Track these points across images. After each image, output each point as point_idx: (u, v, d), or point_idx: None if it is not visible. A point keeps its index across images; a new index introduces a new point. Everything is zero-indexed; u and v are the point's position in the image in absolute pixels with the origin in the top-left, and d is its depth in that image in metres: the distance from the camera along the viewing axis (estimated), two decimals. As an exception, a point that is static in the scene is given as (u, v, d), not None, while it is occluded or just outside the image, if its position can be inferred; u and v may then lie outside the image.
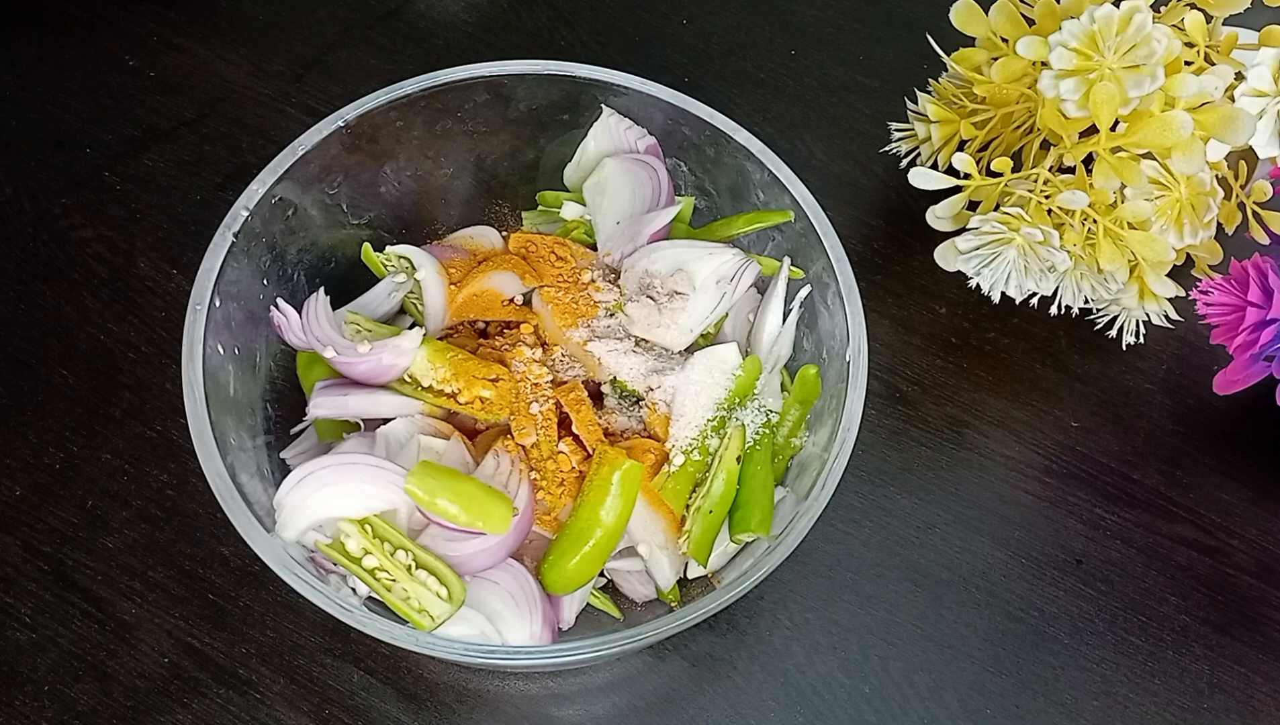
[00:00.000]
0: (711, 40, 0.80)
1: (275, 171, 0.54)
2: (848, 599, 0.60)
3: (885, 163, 0.74)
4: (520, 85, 0.59)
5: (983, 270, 0.62)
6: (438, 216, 0.64)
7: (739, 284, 0.56)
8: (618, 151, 0.61)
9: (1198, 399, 0.68)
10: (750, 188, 0.59)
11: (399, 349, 0.52)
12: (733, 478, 0.53)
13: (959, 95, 0.67)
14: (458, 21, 0.79)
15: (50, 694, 0.55)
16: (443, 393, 0.53)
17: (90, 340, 0.64)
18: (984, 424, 0.66)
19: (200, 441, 0.48)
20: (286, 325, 0.53)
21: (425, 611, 0.48)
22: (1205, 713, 0.59)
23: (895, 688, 0.58)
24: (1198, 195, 0.60)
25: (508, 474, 0.52)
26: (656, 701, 0.57)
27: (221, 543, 0.59)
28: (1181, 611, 0.61)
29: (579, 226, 0.61)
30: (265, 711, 0.55)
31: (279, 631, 0.57)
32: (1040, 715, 0.58)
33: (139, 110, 0.73)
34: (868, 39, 0.81)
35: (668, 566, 0.54)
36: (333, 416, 0.54)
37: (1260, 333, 0.59)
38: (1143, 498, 0.64)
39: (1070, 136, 0.59)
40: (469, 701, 0.56)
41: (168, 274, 0.67)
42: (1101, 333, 0.67)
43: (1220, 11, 0.61)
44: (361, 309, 0.58)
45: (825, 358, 0.56)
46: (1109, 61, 0.55)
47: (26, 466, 0.60)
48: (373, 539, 0.49)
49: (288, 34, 0.78)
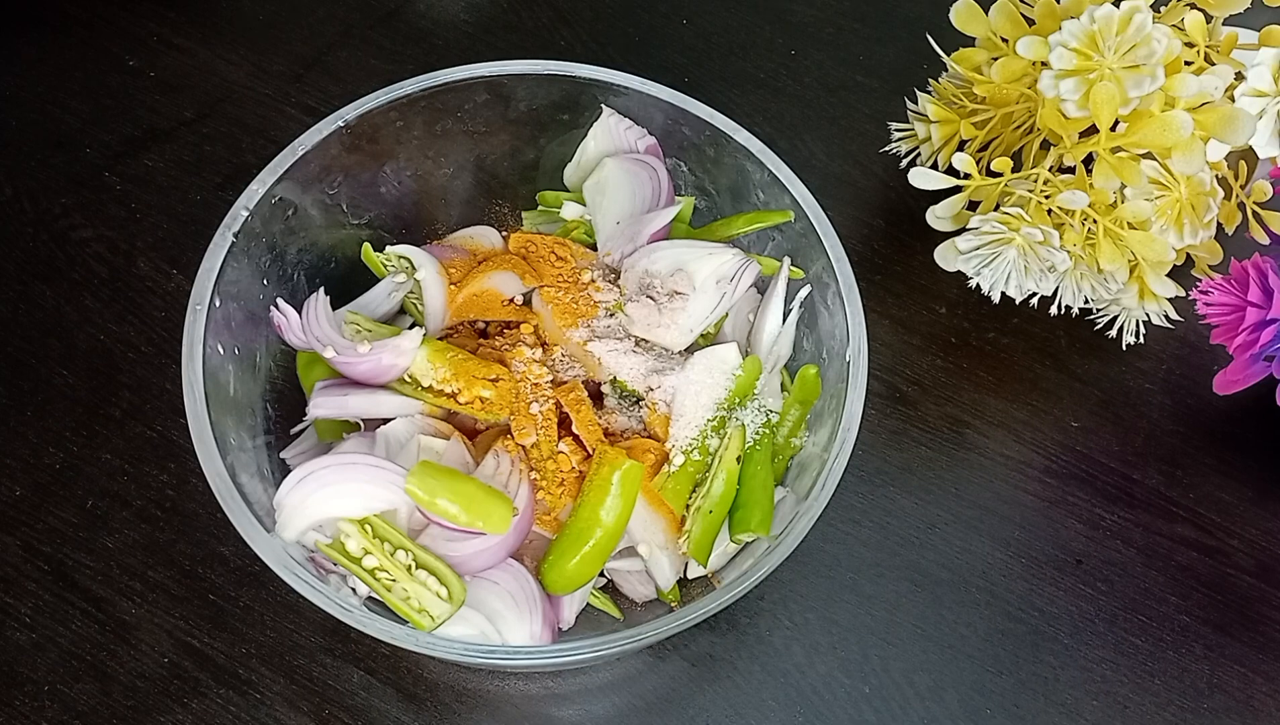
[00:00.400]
0: (711, 40, 0.80)
1: (275, 171, 0.54)
2: (848, 599, 0.60)
3: (885, 163, 0.74)
4: (520, 85, 0.59)
5: (983, 270, 0.62)
6: (438, 216, 0.64)
7: (739, 284, 0.56)
8: (618, 151, 0.61)
9: (1198, 399, 0.68)
10: (750, 188, 0.59)
11: (399, 349, 0.52)
12: (733, 478, 0.53)
13: (959, 95, 0.67)
14: (458, 21, 0.79)
15: (50, 694, 0.55)
16: (443, 393, 0.53)
17: (90, 340, 0.64)
18: (984, 424, 0.66)
19: (200, 441, 0.48)
20: (286, 325, 0.53)
21: (425, 611, 0.48)
22: (1205, 713, 0.59)
23: (895, 688, 0.58)
24: (1198, 195, 0.60)
25: (508, 474, 0.52)
26: (656, 701, 0.57)
27: (221, 543, 0.59)
28: (1181, 611, 0.61)
29: (579, 226, 0.61)
30: (265, 711, 0.55)
31: (279, 631, 0.57)
32: (1040, 715, 0.58)
33: (139, 110, 0.73)
34: (868, 39, 0.81)
35: (668, 566, 0.54)
36: (333, 416, 0.54)
37: (1260, 333, 0.59)
38: (1143, 498, 0.64)
39: (1070, 136, 0.59)
40: (469, 701, 0.56)
41: (168, 274, 0.67)
42: (1101, 333, 0.67)
43: (1220, 11, 0.61)
44: (361, 309, 0.58)
45: (825, 358, 0.56)
46: (1109, 61, 0.55)
47: (26, 466, 0.60)
48: (373, 539, 0.49)
49: (288, 34, 0.78)
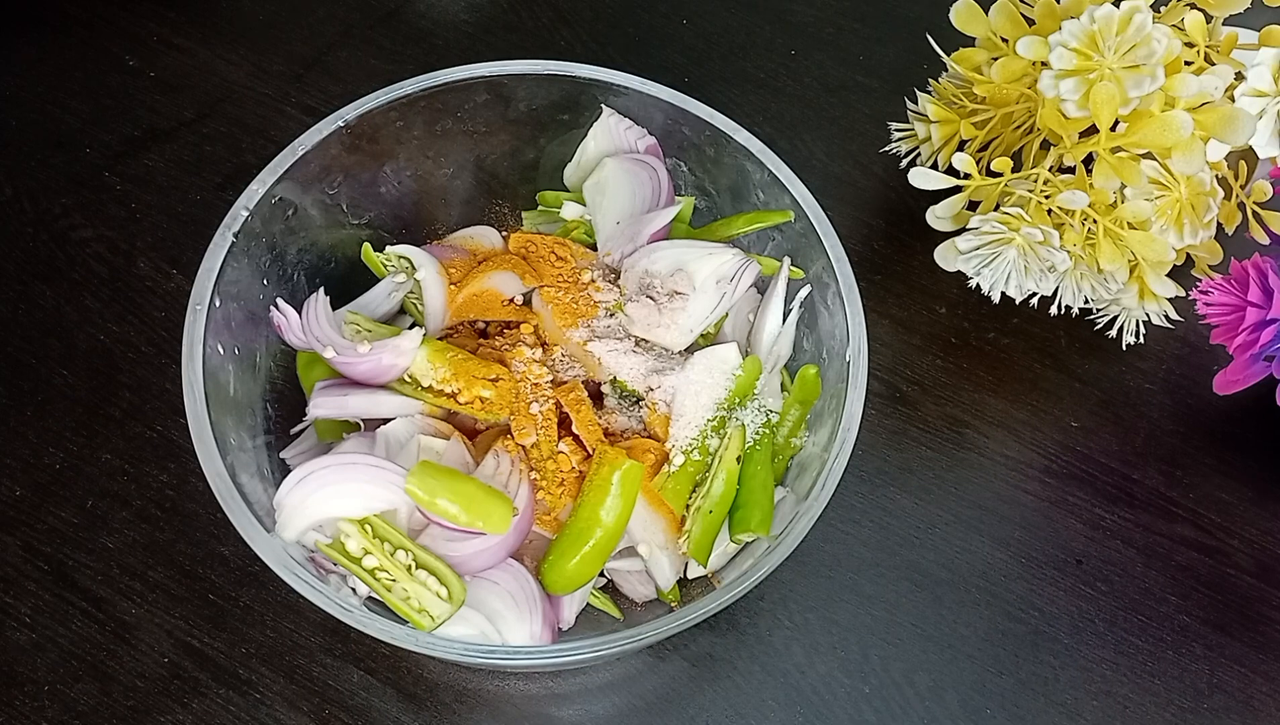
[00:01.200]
0: (711, 40, 0.80)
1: (275, 171, 0.54)
2: (848, 599, 0.60)
3: (885, 163, 0.74)
4: (520, 85, 0.59)
5: (983, 270, 0.62)
6: (438, 216, 0.64)
7: (739, 284, 0.56)
8: (618, 151, 0.61)
9: (1198, 399, 0.68)
10: (750, 188, 0.59)
11: (399, 349, 0.52)
12: (733, 478, 0.53)
13: (959, 95, 0.67)
14: (458, 21, 0.79)
15: (50, 694, 0.55)
16: (443, 393, 0.53)
17: (90, 340, 0.64)
18: (984, 424, 0.66)
19: (200, 441, 0.48)
20: (286, 325, 0.53)
21: (425, 611, 0.48)
22: (1205, 713, 0.59)
23: (895, 688, 0.58)
24: (1198, 195, 0.60)
25: (508, 474, 0.52)
26: (656, 701, 0.57)
27: (221, 543, 0.59)
28: (1181, 611, 0.61)
29: (579, 226, 0.61)
30: (265, 711, 0.55)
31: (279, 631, 0.57)
32: (1040, 715, 0.58)
33: (139, 110, 0.73)
34: (868, 39, 0.81)
35: (668, 566, 0.54)
36: (333, 416, 0.54)
37: (1260, 333, 0.59)
38: (1143, 498, 0.64)
39: (1070, 136, 0.59)
40: (469, 701, 0.56)
41: (168, 274, 0.67)
42: (1101, 333, 0.67)
43: (1220, 11, 0.61)
44: (361, 309, 0.58)
45: (825, 358, 0.56)
46: (1109, 61, 0.55)
47: (26, 466, 0.60)
48: (373, 539, 0.49)
49: (288, 34, 0.78)
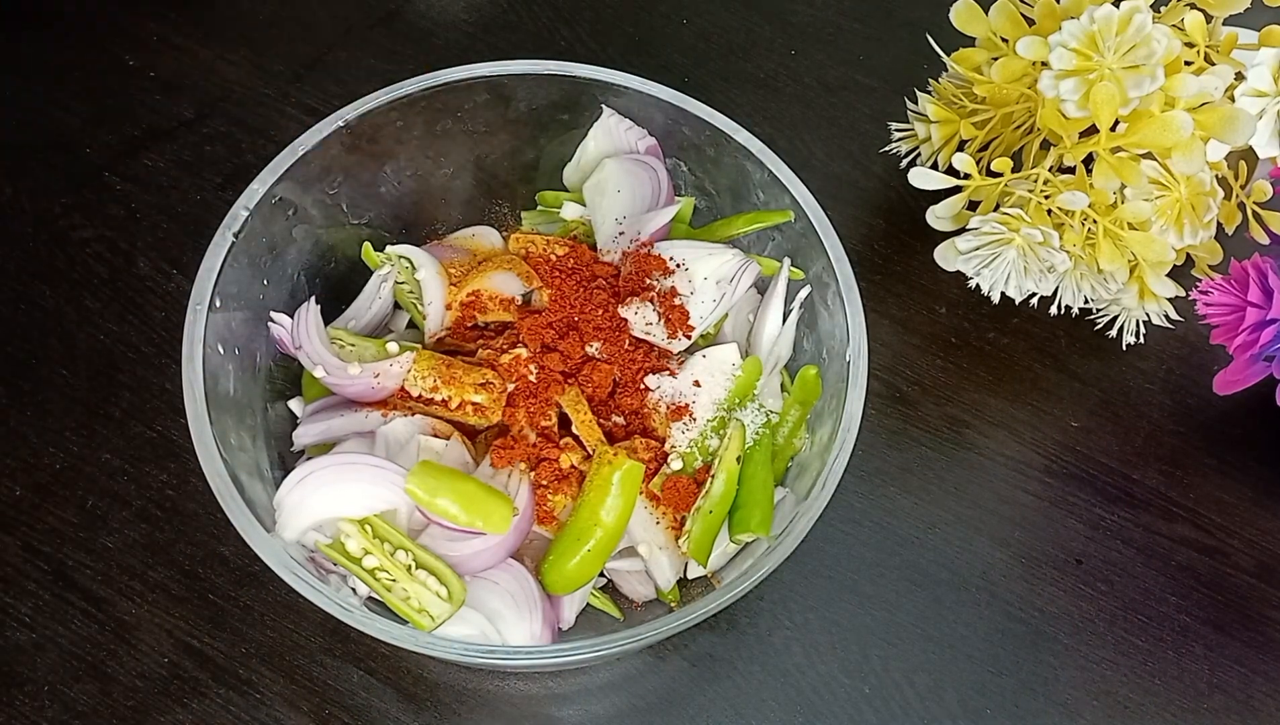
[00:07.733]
0: (711, 40, 0.80)
1: (275, 171, 0.54)
2: (848, 599, 0.60)
3: (885, 163, 0.74)
4: (520, 85, 0.59)
5: (983, 270, 0.62)
6: (438, 216, 0.64)
7: (739, 284, 0.56)
8: (618, 151, 0.61)
9: (1198, 399, 0.68)
10: (750, 188, 0.59)
11: (389, 373, 0.53)
12: (733, 478, 0.53)
13: (959, 95, 0.67)
14: (458, 21, 0.79)
15: (50, 694, 0.55)
16: (432, 402, 0.53)
17: (90, 340, 0.64)
18: (984, 424, 0.66)
19: (200, 441, 0.48)
20: (287, 337, 0.54)
21: (425, 611, 0.48)
22: (1205, 713, 0.59)
23: (895, 688, 0.58)
24: (1198, 195, 0.60)
25: (508, 474, 0.52)
26: (656, 701, 0.57)
27: (221, 543, 0.59)
28: (1181, 611, 0.61)
29: (579, 226, 0.61)
30: (265, 711, 0.55)
31: (279, 631, 0.57)
32: (1040, 715, 0.58)
33: (139, 110, 0.73)
34: (868, 39, 0.81)
35: (668, 566, 0.54)
36: (319, 442, 0.54)
37: (1260, 333, 0.59)
38: (1143, 498, 0.64)
39: (1070, 136, 0.59)
40: (469, 701, 0.56)
41: (168, 274, 0.67)
42: (1101, 333, 0.67)
43: (1220, 11, 0.61)
44: (354, 311, 0.58)
45: (825, 358, 0.56)
46: (1109, 61, 0.55)
47: (26, 466, 0.60)
48: (373, 539, 0.49)
49: (288, 34, 0.77)
